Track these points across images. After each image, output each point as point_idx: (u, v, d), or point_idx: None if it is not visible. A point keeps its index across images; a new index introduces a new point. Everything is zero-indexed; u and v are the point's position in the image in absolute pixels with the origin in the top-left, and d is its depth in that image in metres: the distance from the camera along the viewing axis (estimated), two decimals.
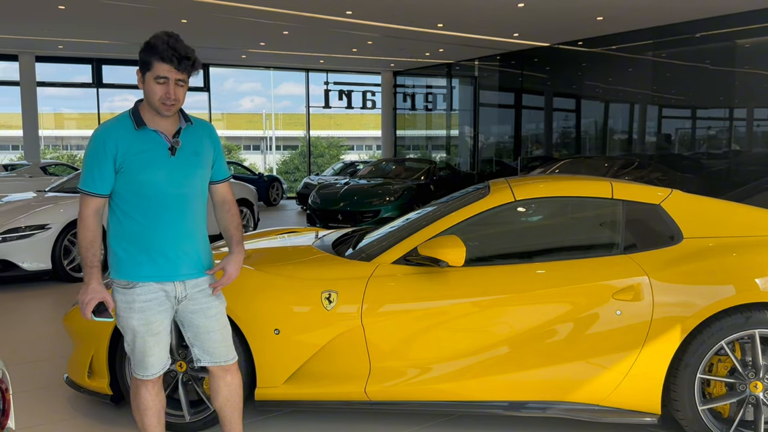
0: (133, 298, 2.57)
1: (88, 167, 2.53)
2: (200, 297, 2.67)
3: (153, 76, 2.45)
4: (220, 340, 2.73)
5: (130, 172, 2.50)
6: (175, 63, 2.43)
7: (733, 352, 3.07)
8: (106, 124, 2.56)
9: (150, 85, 2.47)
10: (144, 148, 2.51)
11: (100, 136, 2.51)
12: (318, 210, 10.60)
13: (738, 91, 10.75)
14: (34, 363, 4.47)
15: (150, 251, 2.56)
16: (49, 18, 11.11)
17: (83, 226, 2.54)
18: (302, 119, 19.90)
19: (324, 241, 4.06)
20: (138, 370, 2.67)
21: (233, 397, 2.82)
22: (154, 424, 2.73)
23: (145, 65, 2.47)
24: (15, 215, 6.84)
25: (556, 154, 14.19)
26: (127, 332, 2.63)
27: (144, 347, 2.62)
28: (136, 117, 2.54)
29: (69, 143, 32.56)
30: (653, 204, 3.42)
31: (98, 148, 2.50)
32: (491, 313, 3.22)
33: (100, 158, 2.49)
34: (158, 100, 2.48)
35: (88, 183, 2.53)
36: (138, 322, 2.58)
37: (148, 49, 2.45)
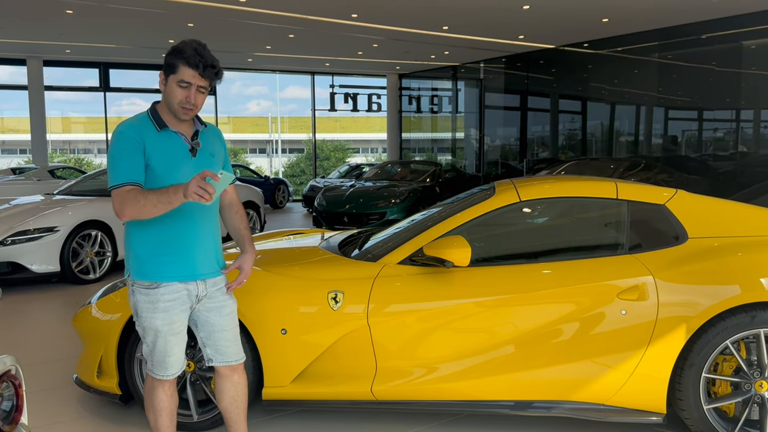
0: (157, 298, 2.59)
1: (118, 162, 2.49)
2: (218, 295, 2.73)
3: (177, 79, 2.51)
4: (233, 339, 2.78)
5: (155, 172, 2.53)
6: (200, 69, 2.50)
7: (739, 351, 3.08)
8: (129, 123, 2.57)
9: (172, 87, 2.53)
10: (167, 149, 2.56)
11: (128, 131, 2.53)
12: (324, 212, 10.63)
13: (744, 92, 10.73)
14: (43, 363, 4.52)
15: (173, 251, 2.59)
16: (57, 23, 11.20)
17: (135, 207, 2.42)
18: (308, 122, 19.96)
19: (330, 243, 4.09)
20: (157, 370, 2.69)
21: (240, 397, 2.86)
22: (167, 424, 2.76)
23: (170, 68, 2.52)
24: (23, 218, 6.90)
25: (562, 156, 14.18)
26: (148, 333, 2.64)
27: (165, 347, 2.64)
28: (157, 119, 2.59)
29: (76, 147, 32.74)
30: (658, 204, 3.43)
31: (127, 141, 2.50)
32: (497, 312, 3.23)
33: (131, 150, 2.49)
34: (178, 104, 2.54)
35: (123, 175, 2.47)
36: (162, 322, 2.61)
37: (176, 53, 2.51)
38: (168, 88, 2.54)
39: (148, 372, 2.74)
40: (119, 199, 2.47)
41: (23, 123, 17.04)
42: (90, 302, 3.83)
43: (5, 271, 6.70)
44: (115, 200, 2.48)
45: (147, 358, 2.72)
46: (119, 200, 2.47)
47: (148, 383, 2.77)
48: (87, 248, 7.16)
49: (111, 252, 7.41)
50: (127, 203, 2.44)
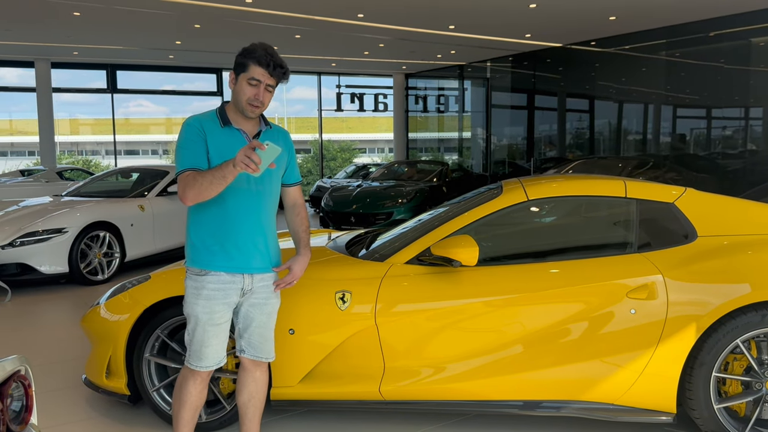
0: (202, 285, 2.68)
1: (182, 150, 2.62)
2: (263, 292, 2.81)
3: (247, 77, 2.64)
4: (268, 337, 2.88)
5: (215, 166, 2.61)
6: (270, 68, 2.64)
7: (749, 350, 3.06)
8: (195, 117, 2.71)
9: (242, 85, 2.66)
10: (227, 145, 2.65)
11: (194, 123, 2.66)
12: (331, 212, 10.63)
13: (753, 90, 10.66)
14: (52, 364, 4.53)
15: (225, 243, 2.68)
16: (65, 25, 11.25)
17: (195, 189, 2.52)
18: (315, 123, 19.97)
19: (337, 243, 4.08)
20: (192, 359, 2.74)
21: (258, 395, 2.92)
22: (188, 419, 2.80)
23: (241, 67, 2.66)
24: (32, 219, 6.93)
25: (569, 155, 14.13)
26: (190, 319, 2.73)
27: (203, 337, 2.70)
28: (223, 116, 2.71)
29: (84, 148, 32.86)
30: (667, 202, 3.41)
31: (193, 131, 2.63)
32: (505, 312, 3.22)
33: (194, 139, 2.63)
34: (246, 101, 2.66)
35: (185, 161, 2.60)
36: (202, 310, 2.68)
37: (247, 54, 2.65)
38: (238, 86, 2.67)
39: (185, 362, 2.79)
40: (182, 184, 2.58)
41: (32, 125, 17.12)
42: (98, 303, 3.84)
43: (14, 272, 6.73)
44: (179, 185, 2.60)
45: (187, 347, 2.78)
46: (182, 184, 2.58)
47: (182, 373, 2.82)
48: (95, 249, 7.19)
49: (119, 253, 7.43)
50: (188, 186, 2.55)
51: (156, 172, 8.63)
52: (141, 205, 7.81)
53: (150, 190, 8.19)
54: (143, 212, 7.77)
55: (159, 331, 3.44)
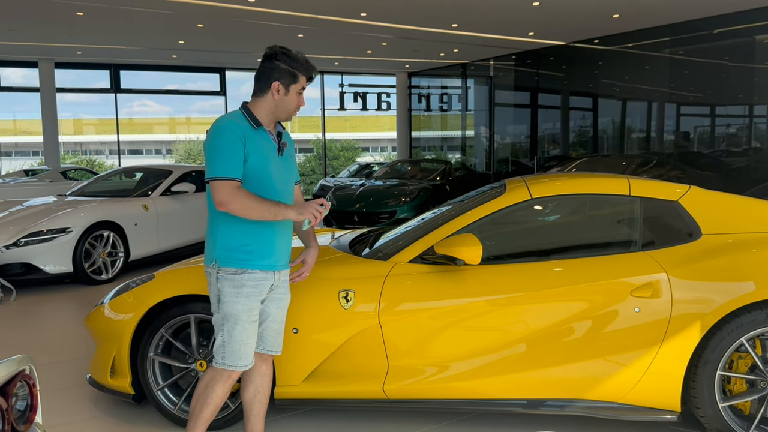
0: (242, 283, 2.73)
1: (224, 154, 2.64)
2: (283, 286, 2.93)
3: (298, 88, 2.79)
4: (279, 331, 2.97)
5: (253, 168, 2.70)
6: (312, 79, 2.84)
7: (754, 348, 3.05)
8: (230, 119, 2.72)
9: (292, 95, 2.78)
10: (262, 146, 2.74)
11: (232, 127, 2.68)
12: (334, 211, 10.62)
13: (757, 87, 10.62)
14: (57, 363, 4.55)
15: (260, 242, 2.75)
16: (68, 25, 11.27)
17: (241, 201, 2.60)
18: (318, 122, 19.97)
19: (341, 242, 4.08)
20: (231, 360, 2.76)
21: (263, 390, 2.97)
22: (207, 419, 2.83)
23: (291, 78, 2.76)
24: (36, 219, 6.94)
25: (573, 154, 14.10)
26: (228, 320, 2.75)
27: (243, 335, 2.75)
28: (252, 117, 2.77)
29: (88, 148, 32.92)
30: (671, 200, 3.40)
31: (234, 137, 2.66)
32: (509, 311, 3.22)
33: (237, 146, 2.66)
34: (294, 109, 2.82)
35: (228, 169, 2.63)
36: (243, 308, 2.74)
37: (294, 65, 2.76)
38: (289, 96, 2.78)
39: (217, 365, 2.78)
40: (226, 193, 2.60)
41: (35, 125, 17.16)
42: (103, 302, 3.85)
43: (19, 272, 6.75)
44: (221, 191, 2.61)
45: (218, 351, 2.78)
46: (226, 194, 2.60)
47: (211, 376, 2.81)
48: (99, 249, 7.21)
49: (123, 252, 7.45)
50: (236, 199, 2.60)
51: (160, 171, 8.65)
52: (145, 205, 7.82)
53: (154, 189, 8.20)
54: (147, 212, 7.79)
55: (163, 330, 3.44)
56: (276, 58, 2.74)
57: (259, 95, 2.78)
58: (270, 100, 2.76)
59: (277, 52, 2.75)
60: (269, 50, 2.78)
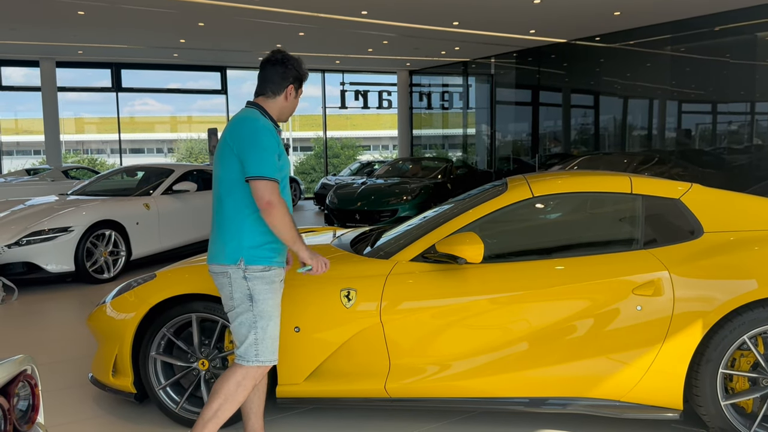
0: (272, 279, 2.81)
1: (271, 155, 2.73)
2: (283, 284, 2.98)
3: (301, 93, 2.98)
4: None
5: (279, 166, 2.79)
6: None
7: (756, 346, 3.04)
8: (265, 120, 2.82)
9: (297, 99, 2.97)
10: (281, 145, 2.86)
11: (272, 128, 2.81)
12: (335, 210, 10.63)
13: (759, 84, 10.60)
14: (59, 363, 4.55)
15: (277, 239, 2.81)
16: (69, 24, 11.27)
17: (284, 211, 2.72)
18: (319, 120, 19.96)
19: (342, 240, 4.08)
20: (266, 356, 2.80)
21: (262, 387, 3.01)
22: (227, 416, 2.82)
23: (299, 82, 2.94)
24: (38, 218, 6.95)
25: (574, 151, 14.09)
26: (263, 317, 2.79)
27: (276, 331, 2.84)
28: (271, 118, 2.89)
29: (89, 147, 32.94)
30: (673, 198, 3.39)
31: (275, 139, 2.78)
32: (510, 309, 3.21)
33: (277, 148, 2.78)
34: (292, 112, 2.98)
35: (275, 171, 2.73)
36: (275, 303, 2.84)
37: (303, 71, 2.95)
38: (296, 99, 2.96)
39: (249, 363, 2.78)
40: (275, 195, 2.69)
41: (37, 124, 17.16)
42: (104, 301, 3.85)
43: (21, 271, 6.76)
44: (270, 191, 2.69)
45: (249, 349, 2.78)
46: (276, 195, 2.69)
47: (242, 374, 2.79)
48: (101, 248, 7.21)
49: (125, 251, 7.45)
50: (282, 206, 2.71)
51: (161, 170, 8.65)
52: (146, 204, 7.82)
53: (155, 188, 8.20)
54: (149, 211, 7.79)
55: (165, 329, 3.44)
56: (289, 63, 2.88)
57: (270, 96, 2.88)
58: (281, 101, 2.89)
59: (287, 57, 2.90)
60: (280, 55, 2.89)
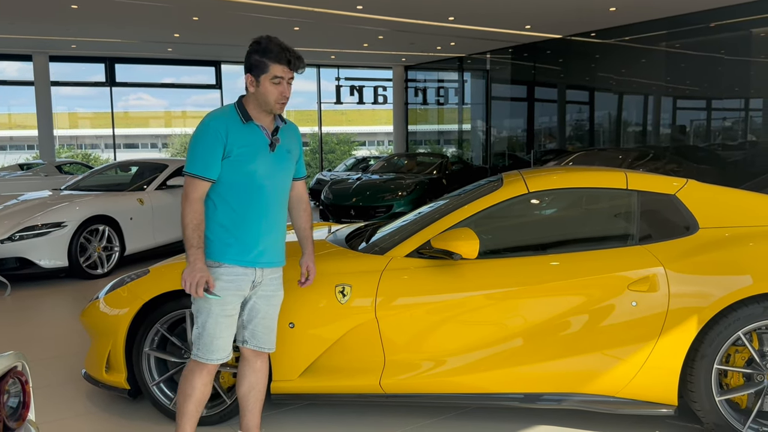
0: (216, 276, 2.70)
1: (199, 153, 2.65)
2: (272, 284, 2.87)
3: (269, 77, 2.66)
4: (272, 328, 2.93)
5: (236, 162, 2.66)
6: (290, 64, 2.67)
7: (751, 342, 3.05)
8: (216, 114, 2.71)
9: (266, 86, 2.67)
10: (249, 141, 2.69)
11: (214, 124, 2.66)
12: (330, 205, 10.61)
13: (754, 81, 10.62)
14: (52, 359, 4.53)
15: (239, 237, 2.72)
16: (62, 17, 11.20)
17: (193, 209, 2.64)
18: (314, 115, 19.92)
19: (337, 236, 4.07)
20: (203, 352, 2.75)
21: (258, 386, 2.95)
22: (192, 412, 2.80)
23: (260, 68, 2.66)
24: (31, 213, 6.91)
25: (569, 147, 14.10)
26: (201, 312, 2.74)
27: (215, 329, 2.73)
28: (243, 112, 2.72)
29: (83, 142, 32.81)
30: (668, 194, 3.39)
31: (212, 135, 2.64)
32: (505, 305, 3.21)
33: (214, 145, 2.64)
34: (275, 101, 2.69)
35: (201, 168, 2.65)
36: (215, 302, 2.71)
37: (263, 53, 2.65)
38: (261, 87, 2.68)
39: (193, 357, 2.79)
40: (189, 191, 2.65)
41: (30, 119, 17.07)
42: (98, 297, 3.83)
43: (13, 266, 6.72)
44: (187, 186, 2.67)
45: (195, 342, 2.78)
46: (189, 192, 2.65)
47: (188, 367, 2.82)
48: (95, 243, 7.18)
49: (118, 247, 7.42)
50: (189, 205, 2.63)
51: (155, 165, 8.61)
52: (140, 199, 7.79)
53: (149, 183, 8.16)
54: (142, 206, 7.76)
55: (158, 325, 3.42)
56: (250, 48, 2.69)
57: (246, 89, 2.75)
58: (250, 93, 2.72)
59: (253, 41, 2.69)
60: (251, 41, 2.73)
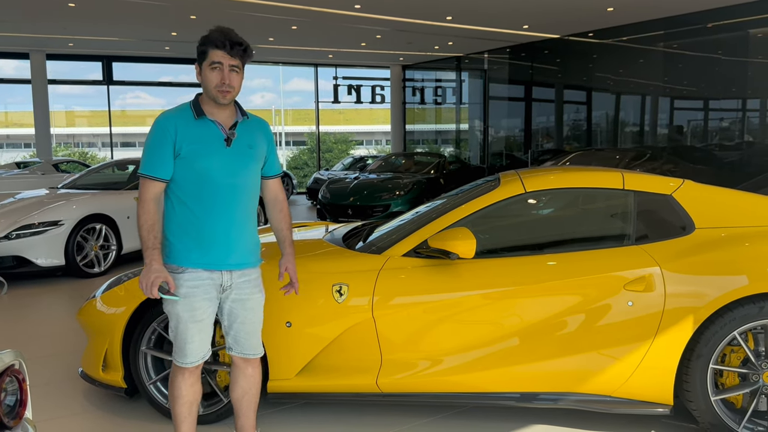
0: (180, 282, 2.62)
1: (149, 153, 2.60)
2: (245, 287, 2.75)
3: (208, 63, 2.59)
4: (253, 332, 2.81)
5: (188, 160, 2.58)
6: (227, 48, 2.57)
7: (746, 342, 3.06)
8: (167, 112, 2.65)
9: (206, 73, 2.60)
10: (201, 137, 2.60)
11: (162, 122, 2.60)
12: (328, 205, 10.61)
13: (751, 81, 10.64)
14: (49, 357, 4.52)
15: (200, 239, 2.63)
16: (60, 16, 11.17)
17: (145, 210, 2.58)
18: (312, 114, 19.91)
19: (334, 235, 4.07)
20: (177, 356, 2.72)
21: (251, 390, 2.88)
22: (185, 414, 2.77)
23: (201, 56, 2.62)
24: (28, 212, 6.90)
25: (567, 147, 14.11)
26: (172, 317, 2.69)
27: (185, 334, 2.67)
28: (196, 107, 2.64)
29: (80, 141, 32.77)
30: (665, 194, 3.40)
31: (159, 134, 2.58)
32: (502, 304, 3.21)
33: (162, 144, 2.57)
34: (214, 88, 2.59)
35: (150, 167, 2.59)
36: (182, 308, 2.64)
37: (204, 41, 2.61)
38: (203, 75, 2.62)
39: (173, 360, 2.76)
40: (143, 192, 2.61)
41: (27, 117, 17.05)
42: (95, 296, 3.83)
43: (10, 265, 6.71)
44: (141, 187, 2.63)
45: (173, 343, 2.75)
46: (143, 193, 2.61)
47: (172, 369, 2.80)
48: (92, 242, 7.17)
49: (115, 245, 7.41)
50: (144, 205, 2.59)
51: None
52: (137, 198, 7.76)
53: None
54: None
55: (155, 323, 3.42)
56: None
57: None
58: (203, 85, 2.64)
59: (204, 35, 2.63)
60: None
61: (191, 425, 2.80)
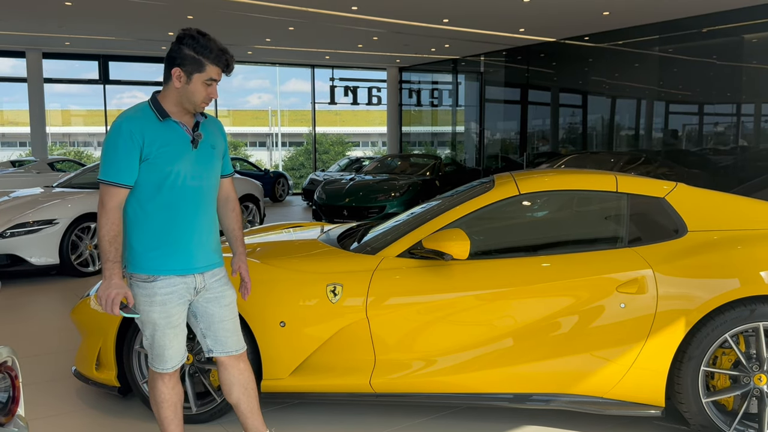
0: (154, 291, 2.55)
1: (112, 158, 2.46)
2: (217, 286, 2.71)
3: (204, 78, 2.51)
4: (233, 329, 2.76)
5: (155, 164, 2.49)
6: (227, 69, 2.57)
7: (738, 344, 3.08)
8: (128, 115, 2.52)
9: (196, 85, 2.51)
10: (169, 140, 2.52)
11: (126, 126, 2.47)
12: (323, 206, 10.62)
13: (745, 86, 10.70)
14: (42, 356, 4.52)
15: (170, 244, 2.56)
16: (56, 14, 11.15)
17: (108, 219, 2.45)
18: (308, 116, 19.91)
19: (329, 235, 4.08)
20: (156, 363, 2.66)
21: (250, 384, 2.81)
22: (170, 417, 2.73)
23: (195, 66, 2.50)
24: (23, 210, 6.89)
25: (562, 150, 14.15)
26: (146, 326, 2.61)
27: (163, 340, 2.61)
28: (159, 109, 2.54)
29: (76, 140, 32.68)
30: (658, 197, 3.42)
31: (125, 138, 2.45)
32: (496, 306, 3.23)
33: (128, 148, 2.45)
34: (201, 101, 2.54)
35: (114, 174, 2.46)
36: (159, 315, 2.57)
37: (200, 51, 2.49)
38: (191, 86, 2.52)
39: (150, 366, 2.71)
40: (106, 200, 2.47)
41: (23, 115, 17.00)
42: (89, 294, 3.82)
43: (4, 263, 6.70)
44: (103, 195, 2.48)
45: (148, 351, 2.69)
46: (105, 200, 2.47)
47: (150, 376, 2.74)
48: (86, 241, 7.16)
49: None
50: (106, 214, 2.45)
51: None
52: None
53: None
54: None
55: None
56: (182, 41, 2.49)
57: (165, 82, 2.55)
58: (173, 88, 2.52)
59: (186, 34, 2.50)
60: (180, 32, 2.52)
61: (178, 425, 2.76)
